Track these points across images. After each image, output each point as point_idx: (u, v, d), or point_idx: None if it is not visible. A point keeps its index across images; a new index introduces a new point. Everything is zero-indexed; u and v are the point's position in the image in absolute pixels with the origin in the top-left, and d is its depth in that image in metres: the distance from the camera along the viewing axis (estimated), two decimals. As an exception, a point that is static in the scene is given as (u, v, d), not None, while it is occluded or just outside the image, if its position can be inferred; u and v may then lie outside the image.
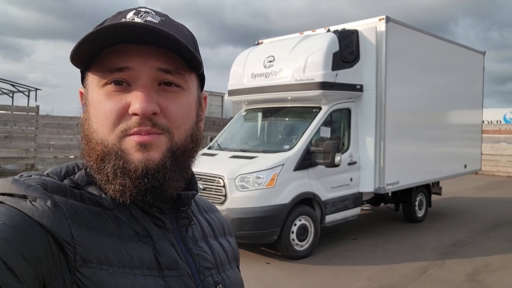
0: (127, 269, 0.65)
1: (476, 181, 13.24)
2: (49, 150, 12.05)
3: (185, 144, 0.72)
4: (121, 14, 0.71)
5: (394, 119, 6.75)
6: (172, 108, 0.70)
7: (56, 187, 0.67)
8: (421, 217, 7.95)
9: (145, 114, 0.66)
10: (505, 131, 16.21)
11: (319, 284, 4.80)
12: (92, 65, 0.70)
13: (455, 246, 6.34)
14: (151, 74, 0.68)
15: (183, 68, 0.71)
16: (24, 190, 0.63)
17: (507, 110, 21.43)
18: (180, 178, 0.73)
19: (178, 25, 0.75)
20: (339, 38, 6.29)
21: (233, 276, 0.86)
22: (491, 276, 5.10)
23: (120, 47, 0.67)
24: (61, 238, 0.61)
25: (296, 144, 5.90)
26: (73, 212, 0.64)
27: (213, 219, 0.92)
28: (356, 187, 6.57)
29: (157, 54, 0.68)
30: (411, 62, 7.29)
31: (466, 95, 9.03)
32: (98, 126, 0.69)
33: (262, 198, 5.37)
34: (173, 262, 0.71)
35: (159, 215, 0.74)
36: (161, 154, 0.69)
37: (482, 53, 9.55)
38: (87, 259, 0.62)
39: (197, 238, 0.81)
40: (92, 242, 0.63)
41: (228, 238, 0.93)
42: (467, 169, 9.06)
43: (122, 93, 0.68)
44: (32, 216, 0.60)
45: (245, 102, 7.29)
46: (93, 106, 0.70)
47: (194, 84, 0.76)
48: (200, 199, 0.94)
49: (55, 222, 0.61)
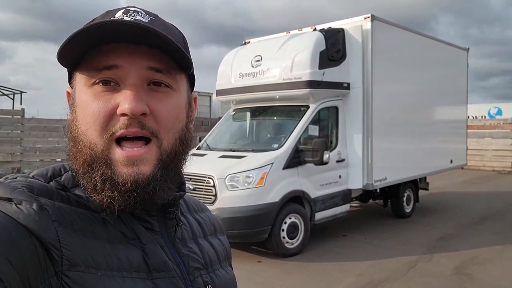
0: (115, 272, 0.64)
1: (462, 176, 13.43)
2: (36, 153, 11.88)
3: (174, 148, 0.71)
4: (110, 13, 0.69)
5: (381, 116, 6.82)
6: (162, 109, 0.68)
7: (42, 189, 0.65)
8: (409, 213, 8.05)
9: (134, 114, 0.65)
10: (489, 126, 16.46)
11: (311, 281, 4.84)
12: (80, 65, 0.68)
13: (443, 240, 6.44)
14: (140, 73, 0.67)
15: (173, 68, 0.69)
16: (9, 193, 0.62)
17: (491, 106, 21.77)
18: (171, 186, 0.72)
19: (168, 24, 0.74)
20: (326, 37, 6.33)
21: (223, 276, 0.85)
22: (478, 268, 5.19)
23: (108, 46, 0.65)
24: (47, 242, 0.59)
25: (285, 143, 5.93)
26: (59, 214, 0.63)
27: (204, 218, 0.91)
28: (345, 184, 6.63)
29: (147, 53, 0.67)
30: (396, 59, 7.37)
31: (451, 91, 9.16)
32: (87, 128, 0.67)
33: (252, 197, 5.39)
34: (162, 263, 0.70)
35: (146, 217, 0.73)
36: (152, 166, 0.68)
37: (466, 49, 9.70)
38: (74, 262, 0.60)
39: (186, 239, 0.80)
40: (79, 245, 0.62)
41: (219, 237, 0.93)
42: (453, 164, 9.20)
43: (110, 93, 0.66)
44: (17, 219, 0.59)
45: (233, 102, 7.30)
46: (81, 106, 0.68)
47: (184, 85, 0.74)
48: (190, 199, 0.93)
49: (41, 225, 0.60)
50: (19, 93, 20.83)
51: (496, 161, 15.76)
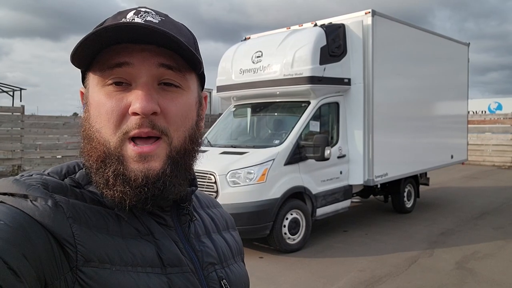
0: (130, 267, 0.65)
1: (463, 171, 13.45)
2: (36, 150, 11.89)
3: (184, 146, 0.72)
4: (121, 14, 0.71)
5: (382, 112, 6.82)
6: (172, 108, 0.70)
7: (57, 186, 0.67)
8: (410, 208, 8.06)
9: (146, 113, 0.66)
10: (489, 121, 16.46)
11: (312, 277, 4.86)
12: (92, 65, 0.70)
13: (444, 235, 6.45)
14: (151, 72, 0.68)
15: (184, 67, 0.71)
16: (25, 190, 0.63)
17: (491, 101, 21.77)
18: (182, 182, 0.74)
19: (178, 24, 0.75)
20: (326, 33, 6.32)
21: (237, 271, 0.86)
22: (479, 263, 5.21)
23: (120, 46, 0.67)
24: (62, 238, 0.61)
25: (286, 138, 5.93)
26: (74, 211, 0.64)
27: (216, 214, 0.92)
28: (346, 180, 6.64)
29: (158, 52, 0.68)
30: (397, 55, 7.35)
31: (452, 86, 9.16)
32: (101, 127, 0.69)
33: (254, 193, 5.39)
34: (175, 259, 0.71)
35: (160, 213, 0.75)
36: (162, 162, 0.69)
37: (467, 44, 9.67)
38: (88, 258, 0.62)
39: (199, 234, 0.81)
40: (94, 241, 0.63)
41: (231, 232, 0.94)
42: (454, 159, 9.20)
43: (122, 92, 0.68)
44: (33, 216, 0.60)
45: (234, 98, 7.29)
46: (94, 106, 0.70)
47: (194, 84, 0.76)
48: (201, 195, 0.94)
49: (56, 221, 0.61)
50: (18, 90, 20.78)
51: (497, 156, 15.76)
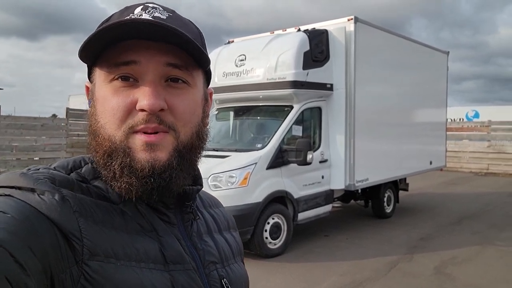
0: (134, 263, 0.66)
1: (441, 177, 13.68)
2: (12, 152, 11.59)
3: (191, 142, 0.73)
4: (129, 9, 0.71)
5: (363, 117, 6.88)
6: (179, 105, 0.70)
7: (64, 181, 0.67)
8: (390, 213, 8.15)
9: (153, 110, 0.67)
10: (467, 129, 16.84)
11: (293, 281, 4.84)
12: (99, 60, 0.70)
13: (423, 240, 6.54)
14: (158, 70, 0.68)
15: (191, 64, 0.71)
16: (33, 184, 0.63)
17: (469, 109, 22.28)
18: (186, 176, 0.74)
19: (185, 21, 0.75)
20: (310, 38, 6.35)
21: (237, 270, 0.87)
22: (457, 268, 5.29)
23: (128, 42, 0.67)
24: (68, 232, 0.61)
25: (268, 142, 5.92)
26: (80, 205, 0.65)
27: (218, 213, 0.93)
28: (328, 184, 6.66)
29: (165, 49, 0.68)
30: (379, 61, 7.45)
31: (432, 94, 9.33)
32: (106, 122, 0.69)
33: (235, 197, 5.35)
34: (178, 256, 0.72)
35: (164, 210, 0.75)
36: (168, 154, 0.70)
37: (446, 53, 9.88)
38: (94, 252, 0.62)
39: (202, 233, 0.82)
40: (99, 235, 0.64)
41: (232, 233, 0.95)
42: (433, 165, 9.36)
43: (129, 88, 0.68)
44: (40, 209, 0.60)
45: (216, 101, 7.25)
46: (100, 101, 0.70)
47: (201, 80, 0.76)
48: (204, 194, 0.95)
49: (63, 215, 0.62)
50: (-5, 90, 20.29)
51: (474, 163, 16.11)
